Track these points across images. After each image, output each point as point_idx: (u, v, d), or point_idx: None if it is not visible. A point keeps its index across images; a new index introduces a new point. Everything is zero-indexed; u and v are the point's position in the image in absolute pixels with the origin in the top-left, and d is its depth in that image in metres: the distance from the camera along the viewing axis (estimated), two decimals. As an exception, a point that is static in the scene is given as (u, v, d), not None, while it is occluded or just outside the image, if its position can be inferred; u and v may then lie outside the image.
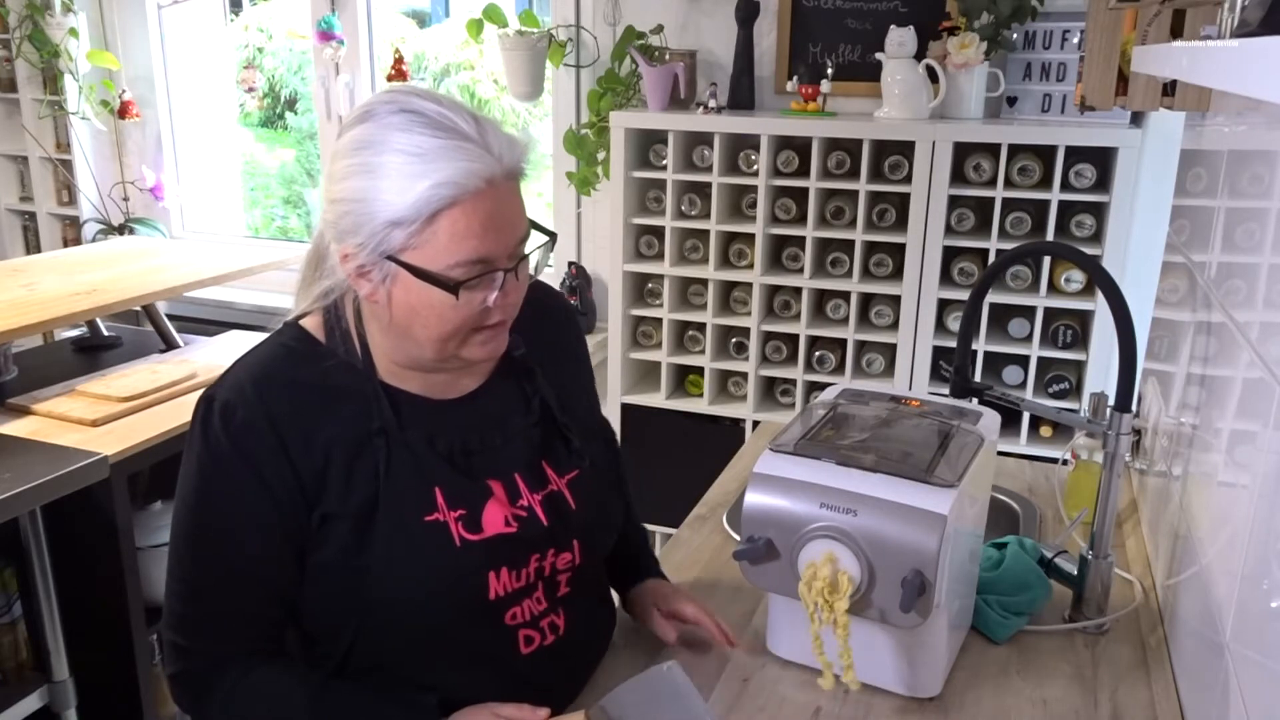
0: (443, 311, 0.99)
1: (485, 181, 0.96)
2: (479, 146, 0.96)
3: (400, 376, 1.08)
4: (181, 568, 1.07)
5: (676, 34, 2.77)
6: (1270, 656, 0.82)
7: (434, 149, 0.95)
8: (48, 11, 3.44)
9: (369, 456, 1.04)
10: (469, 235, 0.96)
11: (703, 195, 2.58)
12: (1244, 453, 0.98)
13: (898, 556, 1.04)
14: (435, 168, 0.94)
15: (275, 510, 1.03)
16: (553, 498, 1.13)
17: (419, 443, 1.06)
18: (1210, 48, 0.67)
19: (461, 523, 1.05)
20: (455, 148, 0.95)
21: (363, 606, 1.04)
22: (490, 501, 1.08)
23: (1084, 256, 1.31)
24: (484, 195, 0.96)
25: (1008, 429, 2.38)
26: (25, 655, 2.01)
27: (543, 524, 1.10)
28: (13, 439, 1.96)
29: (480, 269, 0.98)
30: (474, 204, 0.96)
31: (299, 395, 1.04)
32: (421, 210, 0.94)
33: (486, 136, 0.97)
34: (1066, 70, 2.42)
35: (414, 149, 0.95)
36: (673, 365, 2.72)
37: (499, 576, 1.07)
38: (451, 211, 0.95)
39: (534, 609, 1.11)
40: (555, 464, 1.15)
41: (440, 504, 1.05)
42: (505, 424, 1.13)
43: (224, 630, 1.07)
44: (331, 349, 1.07)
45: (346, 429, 1.04)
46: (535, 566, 1.10)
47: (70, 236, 3.78)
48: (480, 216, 0.96)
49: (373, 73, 3.35)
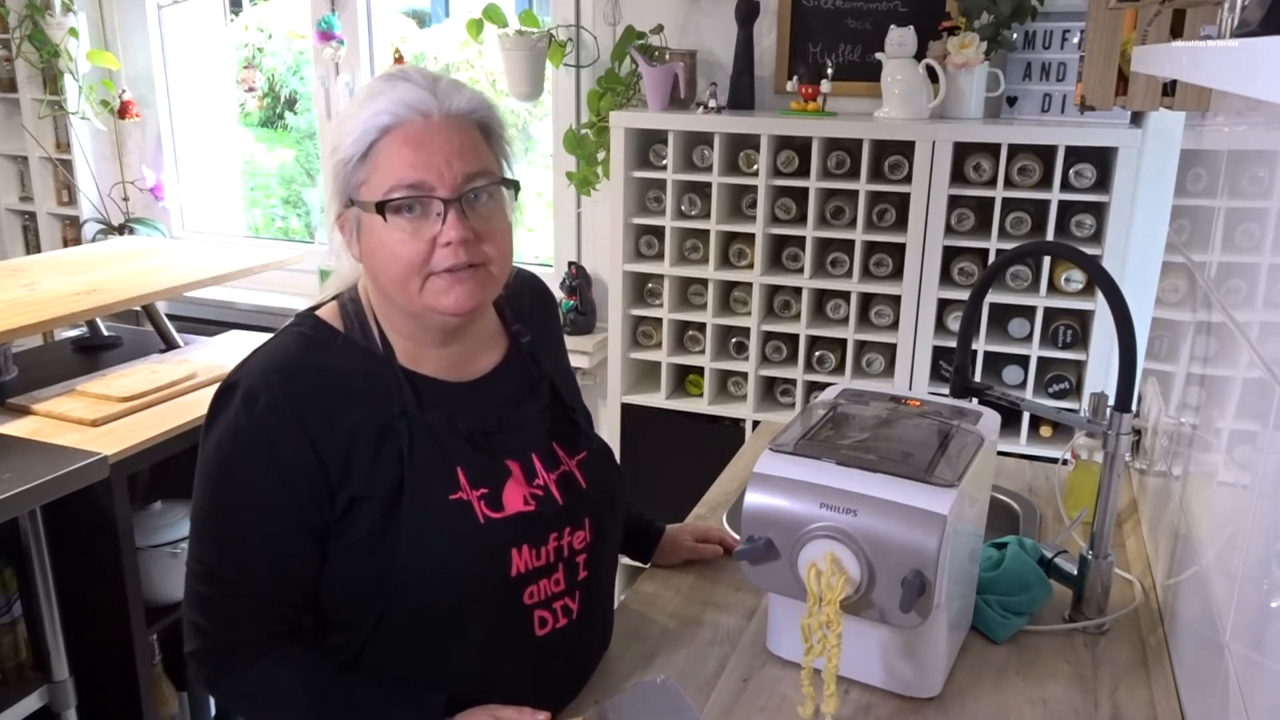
0: (396, 249, 1.04)
1: (420, 114, 1.03)
2: (421, 88, 1.04)
3: (417, 359, 1.12)
4: (202, 549, 1.09)
5: (676, 34, 2.77)
6: (1270, 656, 0.82)
7: (380, 89, 1.04)
8: (48, 11, 3.44)
9: (393, 439, 1.07)
10: (401, 160, 1.02)
11: (703, 195, 2.58)
12: (1244, 453, 0.98)
13: (898, 556, 1.04)
14: (376, 103, 1.03)
15: (296, 494, 1.05)
16: (566, 477, 1.16)
17: (440, 424, 1.09)
18: (1210, 48, 0.67)
19: (484, 501, 1.09)
20: (397, 87, 1.04)
21: (388, 589, 1.06)
22: (510, 481, 1.11)
23: (1084, 256, 1.31)
24: (418, 125, 1.03)
25: (1008, 429, 2.38)
26: (25, 655, 2.01)
27: (558, 502, 1.14)
28: (13, 439, 1.96)
29: (413, 194, 1.03)
30: (408, 130, 1.03)
31: (321, 381, 1.07)
32: (363, 141, 1.03)
33: (436, 85, 1.05)
34: (1066, 70, 2.43)
35: (365, 93, 1.05)
36: (673, 365, 2.72)
37: (520, 554, 1.10)
38: (386, 138, 1.03)
39: (551, 589, 1.13)
40: (565, 445, 1.19)
41: (463, 483, 1.08)
42: (520, 406, 1.17)
43: (242, 612, 1.09)
44: (349, 336, 1.11)
45: (369, 413, 1.07)
46: (554, 546, 1.13)
47: (70, 236, 3.78)
48: (413, 143, 1.03)
49: (373, 73, 3.34)
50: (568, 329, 2.94)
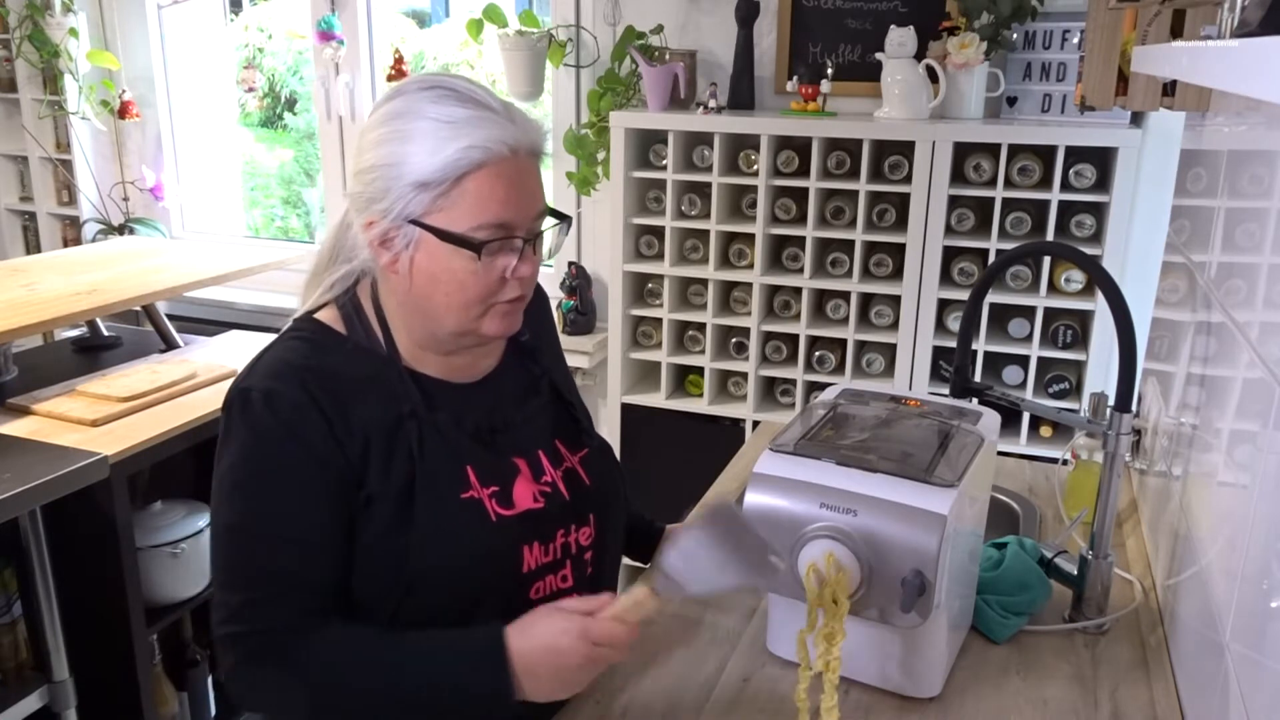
0: (464, 278, 1.04)
1: (511, 150, 1.02)
2: (505, 118, 1.02)
3: (422, 361, 1.13)
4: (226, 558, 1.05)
5: (676, 34, 2.77)
6: (1270, 656, 0.82)
7: (464, 117, 1.01)
8: (48, 11, 3.44)
9: (403, 439, 1.07)
10: (493, 198, 1.02)
11: (703, 195, 2.58)
12: (1244, 453, 0.98)
13: (898, 556, 1.04)
14: (465, 132, 1.00)
15: (329, 482, 1.04)
16: (570, 474, 1.18)
17: (448, 424, 1.10)
18: (1210, 48, 0.67)
19: (495, 499, 1.10)
20: (484, 117, 1.01)
21: (401, 587, 1.06)
22: (518, 478, 1.13)
23: (1084, 256, 1.31)
24: (509, 162, 1.02)
25: (1008, 429, 2.38)
26: (25, 655, 2.01)
27: (565, 499, 1.15)
28: (13, 439, 1.96)
29: (502, 233, 1.03)
30: (500, 168, 1.01)
31: (331, 383, 1.07)
32: (450, 172, 1.00)
33: (512, 113, 1.04)
34: (1066, 70, 2.42)
35: (445, 116, 1.01)
36: (673, 365, 2.72)
37: (531, 550, 1.11)
38: (479, 174, 1.01)
39: (558, 584, 1.15)
40: (567, 442, 1.20)
41: (473, 482, 1.09)
42: (524, 404, 1.18)
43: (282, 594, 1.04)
44: (353, 338, 1.11)
45: (379, 413, 1.07)
46: (562, 542, 1.15)
47: (70, 236, 3.78)
48: (505, 181, 1.02)
49: (373, 73, 3.34)
50: (568, 329, 2.94)
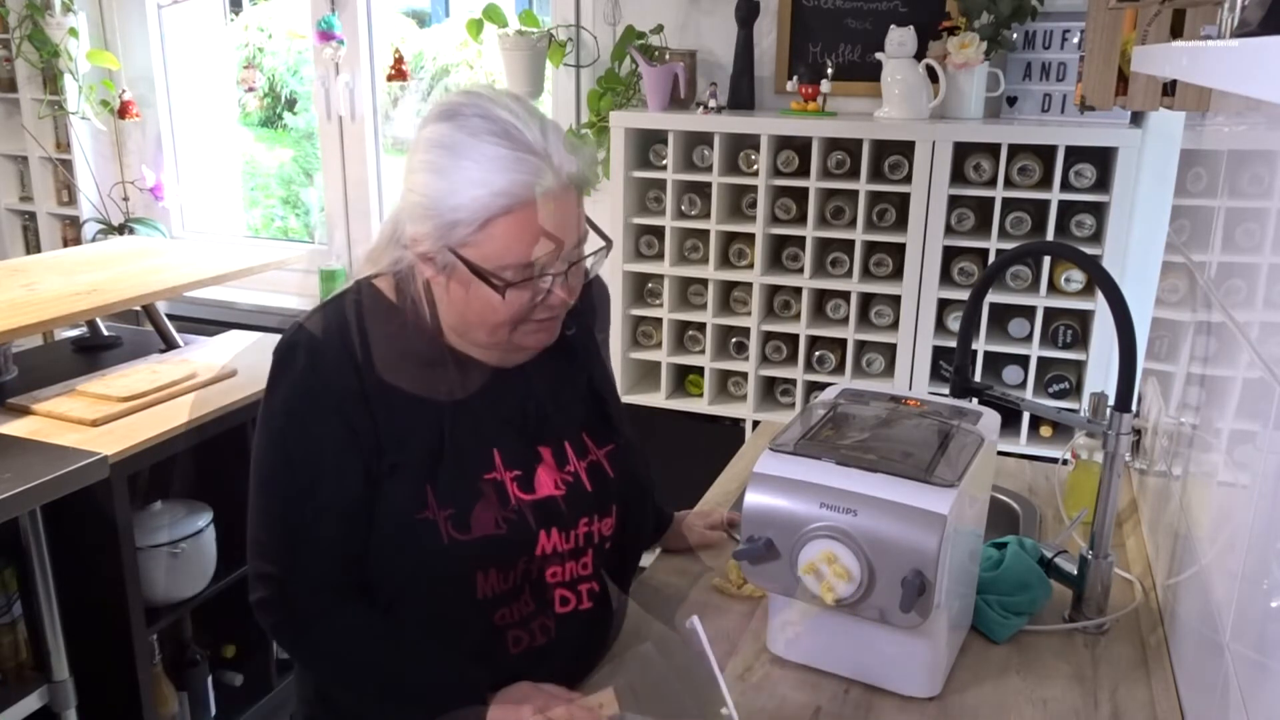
0: (495, 304, 1.07)
1: (540, 193, 1.03)
2: (540, 159, 1.03)
3: (464, 341, 1.15)
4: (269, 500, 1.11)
5: (676, 34, 2.77)
6: (1270, 656, 0.82)
7: (498, 159, 1.02)
8: (48, 11, 3.44)
9: (435, 413, 1.10)
10: (519, 242, 1.04)
11: (703, 195, 2.58)
12: (1244, 453, 0.98)
13: (898, 556, 1.04)
14: (496, 178, 1.02)
15: (357, 447, 1.08)
16: (594, 467, 1.20)
17: (481, 405, 1.13)
18: (1210, 48, 0.67)
19: (516, 483, 1.13)
20: (518, 159, 1.02)
21: (413, 560, 1.09)
22: (541, 466, 1.16)
23: (1084, 256, 1.31)
24: (537, 206, 1.03)
25: (1008, 429, 2.38)
26: (25, 655, 2.01)
27: (588, 489, 1.18)
28: (13, 439, 1.96)
29: (528, 273, 1.06)
30: (526, 214, 1.03)
31: (375, 348, 1.10)
32: (479, 215, 1.02)
33: (550, 147, 1.04)
34: (1066, 70, 2.43)
35: (481, 157, 1.02)
36: (673, 365, 2.72)
37: (549, 535, 1.14)
38: (505, 219, 1.03)
39: (578, 571, 1.17)
40: (594, 436, 1.22)
41: (498, 464, 1.12)
42: (557, 395, 1.21)
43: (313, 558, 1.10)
44: (403, 308, 1.14)
45: (415, 385, 1.11)
46: (584, 531, 1.17)
47: (70, 236, 3.78)
48: (531, 226, 1.04)
49: (373, 73, 3.34)
50: (568, 329, 2.94)
